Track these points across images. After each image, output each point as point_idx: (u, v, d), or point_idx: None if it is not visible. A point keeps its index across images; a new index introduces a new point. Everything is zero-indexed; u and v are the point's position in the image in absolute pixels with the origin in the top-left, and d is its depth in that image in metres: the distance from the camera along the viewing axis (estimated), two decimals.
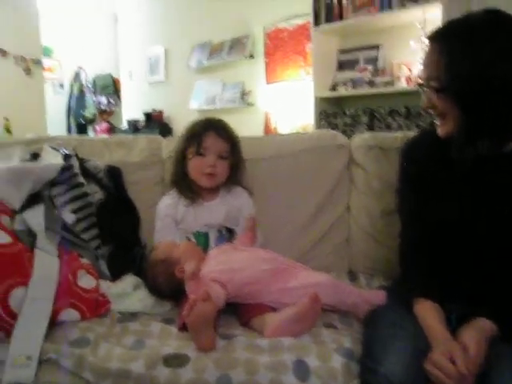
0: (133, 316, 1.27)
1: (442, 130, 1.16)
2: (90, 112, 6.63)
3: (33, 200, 1.46)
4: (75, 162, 1.61)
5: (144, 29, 5.93)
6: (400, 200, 1.32)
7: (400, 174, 1.33)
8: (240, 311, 1.25)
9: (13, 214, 1.39)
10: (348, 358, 1.06)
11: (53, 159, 1.60)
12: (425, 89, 1.14)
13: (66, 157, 1.59)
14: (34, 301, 1.15)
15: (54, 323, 1.18)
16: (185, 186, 1.59)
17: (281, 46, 4.04)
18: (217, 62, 4.59)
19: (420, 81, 1.18)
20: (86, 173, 1.63)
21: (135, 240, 1.65)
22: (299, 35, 3.85)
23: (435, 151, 1.22)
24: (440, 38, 1.10)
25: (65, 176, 1.56)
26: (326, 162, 1.72)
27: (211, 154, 1.55)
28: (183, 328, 1.14)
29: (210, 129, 1.57)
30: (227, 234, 1.57)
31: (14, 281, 1.15)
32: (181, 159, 1.60)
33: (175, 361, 1.01)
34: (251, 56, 4.32)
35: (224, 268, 1.26)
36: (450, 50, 1.06)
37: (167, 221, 1.58)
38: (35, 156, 1.65)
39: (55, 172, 1.52)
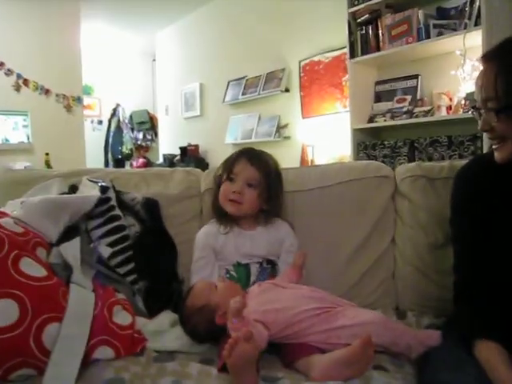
0: (170, 355, 1.20)
1: (499, 154, 1.08)
2: (127, 147, 6.78)
3: (69, 233, 1.43)
4: (112, 195, 1.59)
5: (180, 65, 6.08)
6: (454, 230, 1.23)
7: (453, 202, 1.25)
8: (283, 351, 1.16)
9: (49, 246, 1.36)
10: None
11: (90, 191, 1.58)
12: (482, 111, 1.07)
13: (103, 189, 1.58)
14: (68, 338, 1.10)
15: (87, 361, 1.12)
16: (222, 213, 1.55)
17: (316, 79, 4.03)
18: (252, 96, 4.63)
19: (476, 104, 1.11)
20: (123, 205, 1.61)
21: (172, 275, 1.59)
22: (335, 67, 3.84)
23: (491, 177, 1.14)
24: (496, 57, 1.04)
25: (101, 209, 1.54)
26: (370, 194, 1.65)
27: (239, 180, 1.51)
28: (223, 369, 1.06)
29: (242, 155, 1.55)
30: (269, 267, 1.51)
31: (48, 316, 1.11)
32: (217, 187, 1.58)
33: None
34: (287, 90, 4.32)
35: (267, 308, 1.18)
36: (508, 67, 0.99)
37: (206, 251, 1.53)
38: (73, 188, 1.64)
39: (92, 204, 1.50)
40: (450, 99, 2.91)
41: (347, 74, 3.48)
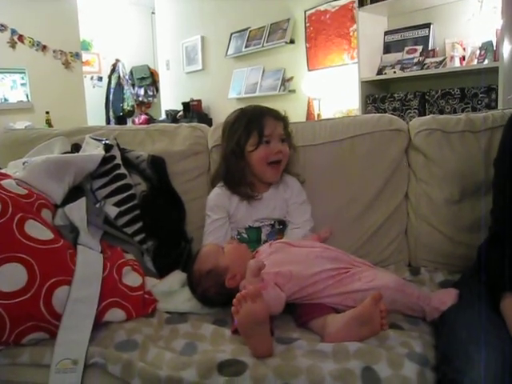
0: (182, 316, 1.18)
1: None
2: (128, 104, 6.66)
3: (74, 193, 1.39)
4: (117, 153, 1.55)
5: (181, 18, 5.87)
6: (496, 174, 1.17)
7: (502, 145, 1.19)
8: (298, 311, 1.14)
9: (54, 208, 1.33)
10: (422, 365, 0.94)
11: (94, 150, 1.53)
12: None
13: (107, 147, 1.53)
14: (78, 301, 1.08)
15: (98, 324, 1.11)
16: (243, 182, 1.48)
17: (323, 30, 3.88)
18: (256, 48, 4.47)
19: None
20: (128, 164, 1.57)
21: (181, 234, 1.56)
22: (342, 17, 3.69)
23: None
24: None
25: (106, 167, 1.50)
26: (383, 148, 1.58)
27: (275, 139, 1.44)
28: (237, 331, 1.04)
29: (266, 114, 1.46)
30: (279, 227, 1.48)
31: (57, 279, 1.08)
32: (240, 155, 1.46)
33: (231, 368, 0.92)
34: (292, 41, 4.18)
35: (280, 270, 1.14)
36: None
37: (220, 212, 1.47)
38: (76, 147, 1.59)
39: (96, 163, 1.45)
40: (464, 49, 2.79)
41: (355, 23, 3.35)
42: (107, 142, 1.55)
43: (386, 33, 3.31)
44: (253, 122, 1.44)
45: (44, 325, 1.05)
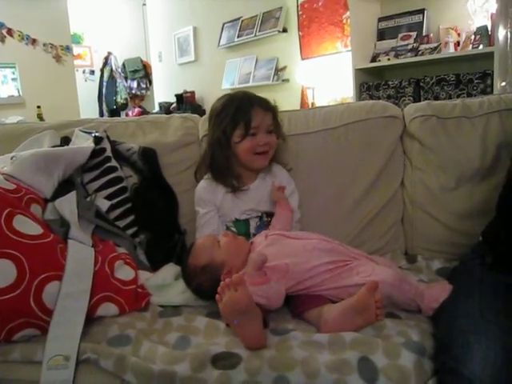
0: (175, 309, 1.16)
1: None
2: (121, 97, 6.60)
3: (64, 187, 1.37)
4: (107, 145, 1.52)
5: (172, 8, 5.81)
6: None
7: None
8: (293, 302, 1.12)
9: (44, 202, 1.30)
10: (419, 354, 0.92)
11: (84, 143, 1.51)
12: None
13: (97, 139, 1.50)
14: (69, 296, 1.06)
15: (90, 319, 1.09)
16: (229, 173, 1.44)
17: (316, 18, 3.84)
18: (248, 38, 4.44)
19: None
20: (119, 156, 1.54)
21: (174, 226, 1.54)
22: (335, 4, 3.65)
23: None
24: None
25: (97, 160, 1.48)
26: (377, 135, 1.56)
27: (261, 131, 1.40)
28: None
29: (254, 104, 1.40)
30: (268, 220, 1.44)
31: (48, 275, 1.06)
32: (225, 145, 1.41)
33: (225, 361, 0.90)
34: (284, 30, 4.13)
35: (277, 264, 1.11)
36: None
37: (209, 206, 1.45)
38: (66, 140, 1.57)
39: (86, 155, 1.43)
40: (459, 34, 2.76)
41: (348, 10, 3.31)
42: (97, 134, 1.52)
43: (380, 19, 3.27)
44: (240, 112, 1.39)
45: (35, 321, 1.03)
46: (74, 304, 1.05)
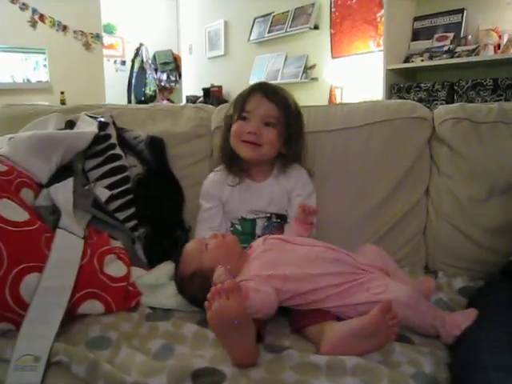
0: (165, 313, 1.06)
1: None
2: (150, 89, 6.58)
3: (63, 173, 1.29)
4: (112, 131, 1.44)
5: (204, 2, 5.74)
6: None
7: None
8: (293, 315, 1.00)
9: (38, 187, 1.22)
10: None
11: (88, 128, 1.43)
12: None
13: (102, 125, 1.42)
14: (49, 290, 0.97)
15: (73, 316, 1.00)
16: (232, 160, 1.35)
17: (349, 15, 3.70)
18: (279, 34, 4.32)
19: None
20: (125, 144, 1.46)
21: (177, 222, 1.44)
22: (369, 2, 3.52)
23: None
24: None
25: (100, 147, 1.40)
26: (403, 137, 1.44)
27: (254, 118, 1.28)
28: None
29: (256, 89, 1.31)
30: (277, 221, 1.33)
31: (27, 265, 0.97)
32: (226, 129, 1.35)
33: (206, 379, 0.79)
34: (316, 27, 4.01)
35: (273, 274, 0.98)
36: None
37: (214, 201, 1.35)
38: (71, 124, 1.49)
39: (88, 141, 1.35)
40: (500, 37, 2.59)
41: (382, 9, 3.17)
42: (102, 119, 1.44)
43: (415, 19, 3.11)
44: (242, 94, 1.32)
45: (9, 315, 0.95)
46: (53, 299, 0.97)
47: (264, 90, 1.30)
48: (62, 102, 4.46)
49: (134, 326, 1.00)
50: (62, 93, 4.53)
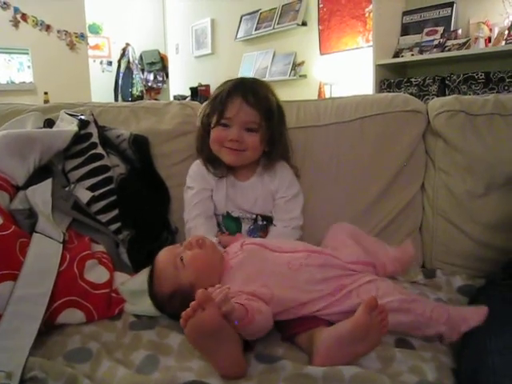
0: (149, 321, 0.99)
1: None
2: (137, 89, 6.51)
3: (40, 174, 1.22)
4: (94, 130, 1.37)
5: (191, 0, 5.68)
6: None
7: None
8: (283, 323, 0.93)
9: (15, 190, 1.16)
10: None
11: (68, 126, 1.36)
12: None
13: (83, 123, 1.35)
14: (23, 299, 0.90)
15: (52, 327, 0.94)
16: (211, 157, 1.29)
17: (337, 11, 3.67)
18: (266, 31, 4.29)
19: None
20: (107, 143, 1.39)
21: (163, 224, 1.38)
22: None
23: None
24: None
25: (81, 146, 1.33)
26: (396, 131, 1.39)
27: (235, 125, 1.22)
28: None
29: (236, 93, 1.22)
30: (263, 223, 1.28)
31: (0, 273, 0.91)
32: (206, 125, 1.28)
33: None
34: (304, 23, 3.97)
35: (257, 290, 0.90)
36: None
37: (203, 183, 1.29)
38: (50, 123, 1.42)
39: (67, 140, 1.28)
40: (490, 30, 2.57)
41: (371, 3, 3.15)
42: (83, 117, 1.37)
43: (405, 13, 3.10)
44: (220, 97, 1.23)
45: None
46: (29, 309, 0.90)
47: (243, 92, 1.22)
48: (46, 103, 4.38)
49: (116, 335, 0.94)
50: (46, 93, 4.45)
